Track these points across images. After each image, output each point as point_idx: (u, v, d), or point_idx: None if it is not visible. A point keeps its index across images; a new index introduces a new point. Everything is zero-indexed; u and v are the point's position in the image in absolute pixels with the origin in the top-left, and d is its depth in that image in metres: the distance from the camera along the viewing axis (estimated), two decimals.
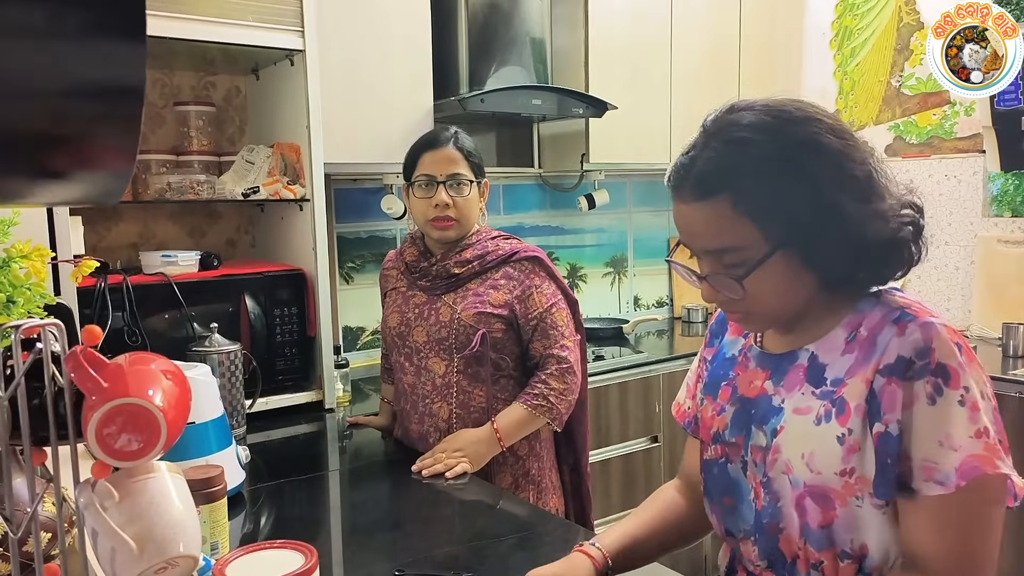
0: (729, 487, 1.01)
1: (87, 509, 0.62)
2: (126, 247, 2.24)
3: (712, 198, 0.88)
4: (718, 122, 0.92)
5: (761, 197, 0.87)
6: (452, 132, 1.75)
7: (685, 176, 0.91)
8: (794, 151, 0.87)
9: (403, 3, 2.33)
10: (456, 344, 1.68)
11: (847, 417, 0.88)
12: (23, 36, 0.48)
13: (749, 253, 0.89)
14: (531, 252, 1.73)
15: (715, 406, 1.05)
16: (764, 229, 0.87)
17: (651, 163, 3.05)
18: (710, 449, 1.05)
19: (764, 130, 0.88)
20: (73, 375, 0.61)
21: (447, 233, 1.72)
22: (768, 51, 3.25)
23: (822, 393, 0.91)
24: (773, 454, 0.94)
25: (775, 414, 0.95)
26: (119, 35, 0.50)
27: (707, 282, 0.94)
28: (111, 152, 0.55)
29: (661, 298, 3.52)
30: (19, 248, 0.89)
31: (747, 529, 0.99)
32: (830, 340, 0.93)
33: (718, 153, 0.89)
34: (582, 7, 2.76)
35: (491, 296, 1.69)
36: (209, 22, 1.88)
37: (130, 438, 0.60)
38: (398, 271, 1.84)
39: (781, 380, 0.97)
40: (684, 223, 0.93)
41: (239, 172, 2.16)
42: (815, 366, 0.93)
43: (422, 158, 1.72)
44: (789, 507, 0.93)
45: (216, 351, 1.78)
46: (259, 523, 1.49)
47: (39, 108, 0.52)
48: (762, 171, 0.87)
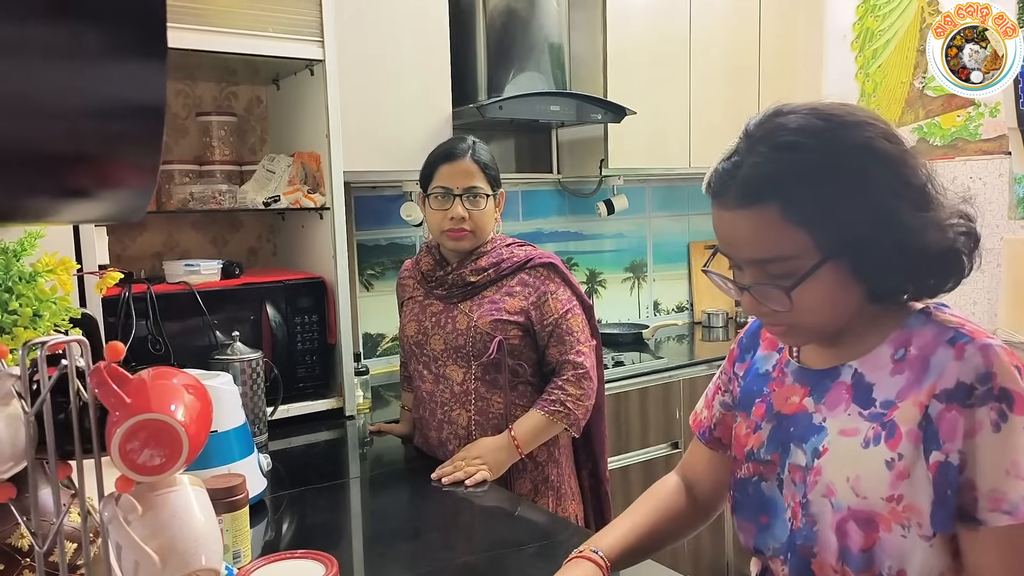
0: (764, 506, 0.98)
1: (111, 523, 0.62)
2: (150, 256, 2.27)
3: (759, 205, 0.84)
4: (763, 126, 0.87)
5: (813, 204, 0.82)
6: (469, 144, 1.75)
7: (728, 182, 0.86)
8: (848, 156, 0.83)
9: (422, 12, 2.34)
10: (473, 352, 1.69)
11: (897, 441, 0.84)
12: (45, 56, 0.49)
13: (798, 263, 0.84)
14: (546, 258, 1.74)
15: (749, 423, 1.02)
16: (815, 238, 0.83)
17: (670, 168, 3.04)
18: (743, 468, 1.01)
19: (815, 134, 0.83)
20: (97, 390, 0.62)
21: (461, 244, 1.73)
22: (788, 54, 3.23)
23: (871, 415, 0.87)
24: (815, 476, 0.90)
25: (816, 432, 0.91)
26: (140, 55, 0.51)
27: (750, 294, 0.89)
28: (133, 170, 0.56)
29: (681, 303, 3.50)
30: (45, 262, 0.90)
31: (777, 548, 0.96)
32: (875, 357, 0.89)
33: (765, 158, 0.84)
34: (600, 12, 2.75)
35: (507, 303, 1.70)
36: (231, 34, 1.90)
37: (152, 453, 0.60)
38: (415, 280, 1.86)
39: (822, 398, 0.92)
40: (727, 231, 0.89)
41: (260, 181, 2.18)
42: (861, 385, 0.89)
43: (439, 170, 1.73)
44: (827, 531, 0.89)
45: (238, 359, 1.80)
46: (280, 531, 1.50)
47: (61, 128, 0.53)
48: (814, 176, 0.82)
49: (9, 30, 0.46)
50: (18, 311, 0.85)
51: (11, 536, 0.84)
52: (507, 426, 1.68)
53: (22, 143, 0.51)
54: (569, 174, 3.06)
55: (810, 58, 3.33)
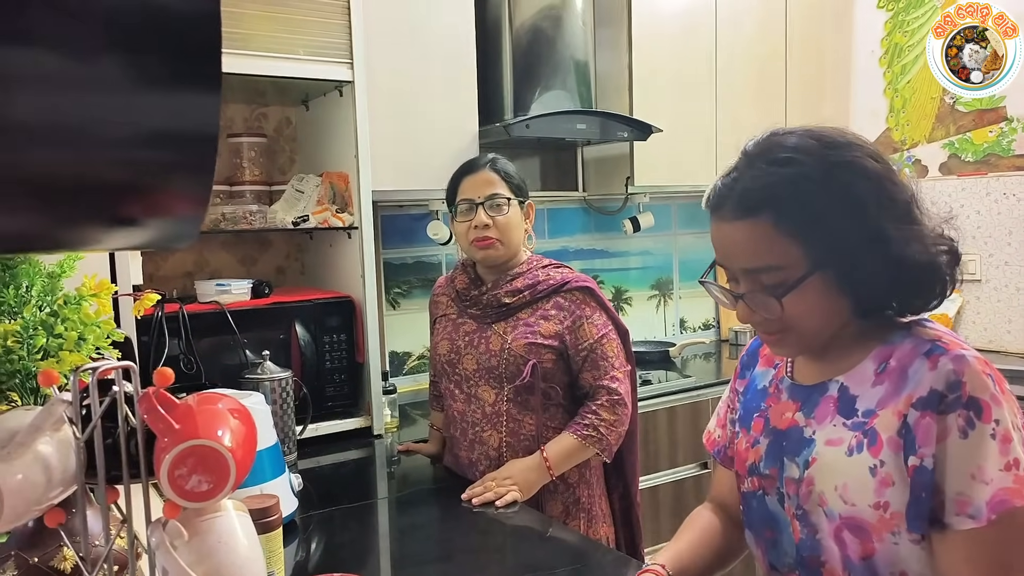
0: (769, 520, 1.02)
1: (158, 548, 0.63)
2: (181, 276, 2.29)
3: (754, 216, 0.89)
4: (760, 145, 0.93)
5: (804, 216, 0.88)
6: (490, 157, 1.78)
7: (727, 196, 0.92)
8: (838, 171, 0.88)
9: (449, 32, 2.36)
10: (506, 374, 1.69)
11: (879, 448, 0.89)
12: (104, 89, 0.49)
13: (788, 273, 0.89)
14: (582, 282, 1.73)
15: (749, 438, 1.06)
16: (805, 248, 0.88)
17: (696, 185, 3.02)
18: (747, 482, 1.06)
19: (808, 151, 0.89)
20: (146, 416, 0.62)
21: (490, 252, 1.72)
22: (816, 70, 3.21)
23: (853, 424, 0.92)
24: (807, 486, 0.95)
25: (807, 446, 0.96)
26: (196, 86, 0.51)
27: (743, 301, 0.94)
28: (184, 199, 0.56)
29: (707, 320, 3.47)
30: (89, 286, 0.92)
31: (790, 563, 1.00)
32: (860, 372, 0.94)
33: (762, 173, 0.90)
34: (625, 30, 2.76)
35: (542, 326, 1.69)
36: (262, 57, 1.92)
37: (200, 479, 0.60)
38: (448, 298, 1.85)
39: (812, 412, 0.97)
40: (724, 242, 0.94)
41: (289, 201, 2.20)
42: (846, 398, 0.94)
43: (461, 184, 1.75)
44: (828, 540, 0.93)
45: (268, 378, 1.81)
46: (310, 551, 1.49)
47: (114, 158, 0.54)
48: (806, 190, 0.88)
49: (72, 65, 0.47)
50: (64, 335, 0.86)
51: (54, 559, 0.85)
52: (538, 448, 1.67)
53: (79, 173, 0.52)
54: (595, 192, 3.05)
55: (838, 74, 3.31)
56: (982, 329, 3.05)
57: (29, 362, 0.86)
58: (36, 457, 0.59)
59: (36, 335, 0.86)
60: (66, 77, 0.48)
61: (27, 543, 0.85)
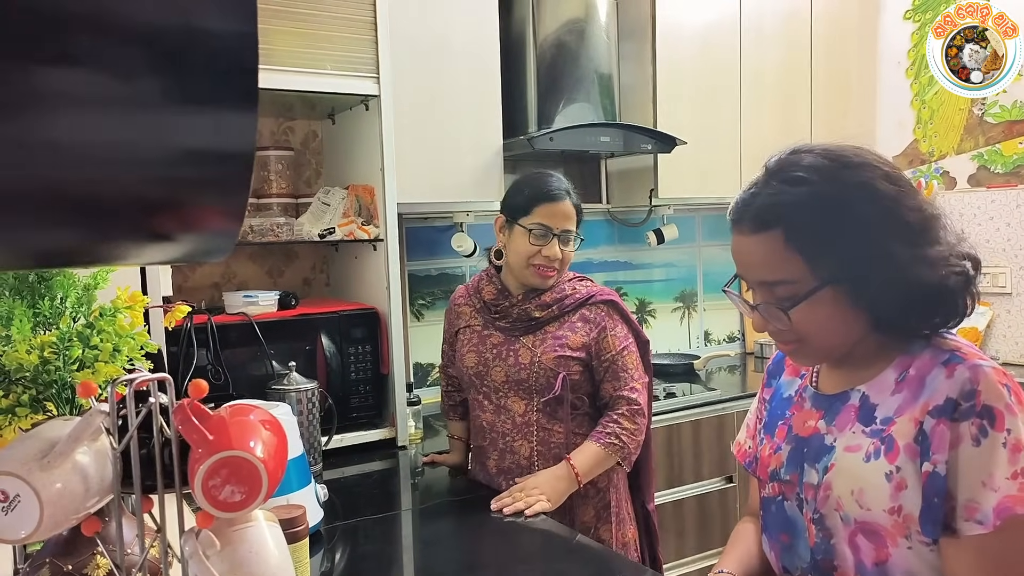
0: (786, 524, 1.05)
1: (191, 558, 0.63)
2: (208, 287, 2.33)
3: (767, 232, 0.93)
4: (780, 163, 0.97)
5: (811, 234, 0.91)
6: (567, 187, 1.78)
7: (745, 210, 0.96)
8: (847, 192, 0.91)
9: (474, 47, 2.38)
10: (536, 386, 1.72)
11: (895, 455, 0.91)
12: (145, 108, 0.50)
13: (798, 287, 0.93)
14: (606, 296, 1.78)
15: (772, 444, 1.09)
16: (812, 265, 0.91)
17: (721, 197, 3.01)
18: (768, 487, 1.09)
19: (820, 171, 0.93)
20: (181, 427, 0.63)
21: (548, 282, 1.76)
22: (841, 81, 3.19)
23: (872, 431, 0.95)
24: (824, 491, 0.97)
25: (827, 452, 0.99)
26: (233, 104, 0.52)
27: (758, 312, 0.98)
28: (220, 214, 0.57)
29: (732, 333, 3.45)
30: (123, 298, 0.93)
31: (803, 567, 1.02)
32: (881, 381, 0.96)
33: (777, 190, 0.94)
34: (649, 43, 2.76)
35: (569, 339, 1.73)
36: (290, 72, 1.95)
37: (234, 489, 0.61)
38: (472, 308, 1.86)
39: (833, 420, 1.00)
40: (741, 255, 0.99)
41: (315, 214, 2.22)
42: (866, 406, 0.97)
43: (541, 207, 1.73)
44: (842, 544, 0.96)
45: (294, 389, 1.82)
46: (335, 562, 1.50)
47: (153, 176, 0.55)
48: (814, 209, 0.91)
49: (114, 85, 0.49)
50: (99, 346, 0.88)
51: (87, 567, 0.86)
52: (566, 455, 1.69)
53: (119, 191, 0.53)
54: (619, 204, 3.05)
55: (864, 85, 3.29)
56: (1013, 343, 3.00)
57: (65, 373, 0.88)
58: (75, 467, 0.61)
59: (72, 346, 0.88)
60: (108, 97, 0.50)
61: (61, 551, 0.86)
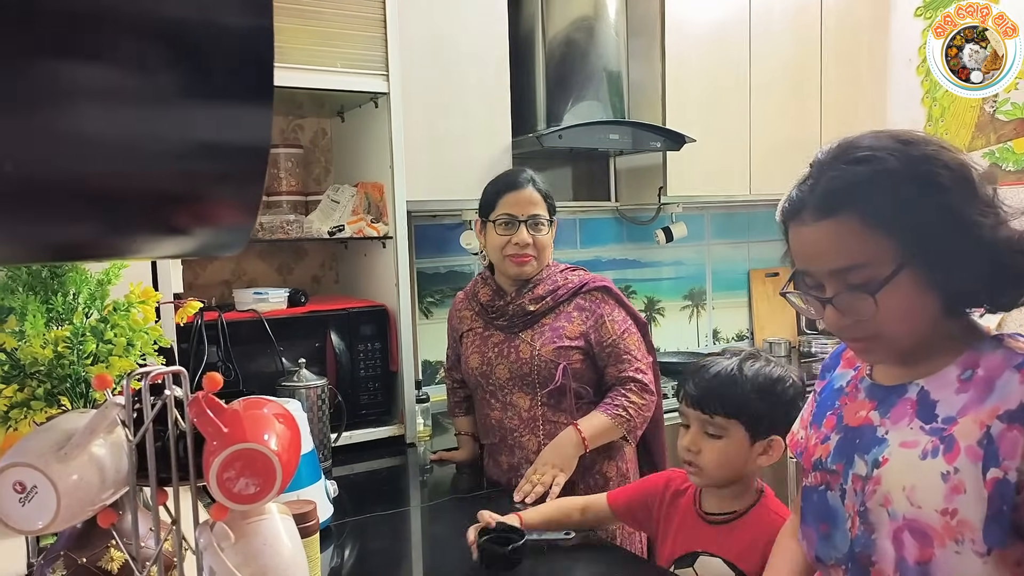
0: (827, 514, 1.02)
1: (206, 550, 0.64)
2: (218, 284, 2.34)
3: (838, 215, 0.89)
4: (833, 151, 0.93)
5: (889, 209, 0.87)
6: (529, 175, 1.83)
7: (804, 201, 0.92)
8: (921, 164, 0.88)
9: (483, 45, 2.38)
10: (538, 379, 1.75)
11: (955, 456, 0.87)
12: (164, 103, 0.51)
13: (877, 270, 0.88)
14: (599, 282, 1.81)
15: (819, 434, 1.06)
16: (893, 242, 0.87)
17: (730, 195, 3.01)
18: (811, 476, 1.06)
19: (886, 148, 0.89)
20: (196, 420, 0.63)
21: (525, 269, 1.79)
22: (852, 79, 3.18)
23: (931, 429, 0.91)
24: (873, 484, 0.94)
25: (878, 444, 0.95)
26: (250, 99, 0.53)
27: (832, 305, 0.92)
28: (236, 208, 0.58)
29: (741, 331, 3.44)
30: (137, 293, 0.94)
31: (839, 557, 1.00)
32: (942, 377, 0.92)
33: (841, 172, 0.90)
34: (658, 40, 2.76)
35: (566, 329, 1.76)
36: (300, 69, 1.96)
37: (248, 482, 0.62)
38: (472, 312, 1.91)
39: (888, 411, 0.96)
40: (806, 247, 0.93)
41: (325, 211, 2.23)
42: (926, 402, 0.93)
43: (504, 198, 1.80)
44: (884, 540, 0.93)
45: (304, 386, 1.83)
46: (344, 557, 1.51)
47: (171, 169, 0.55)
48: (889, 183, 0.88)
49: (134, 80, 0.49)
50: (113, 341, 0.88)
51: (101, 559, 0.87)
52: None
53: (138, 184, 0.54)
54: (627, 202, 3.05)
55: (875, 83, 3.27)
56: None
57: (79, 367, 0.89)
58: (91, 458, 0.61)
59: (86, 341, 0.89)
60: (129, 91, 0.50)
61: (75, 544, 0.87)
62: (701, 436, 1.32)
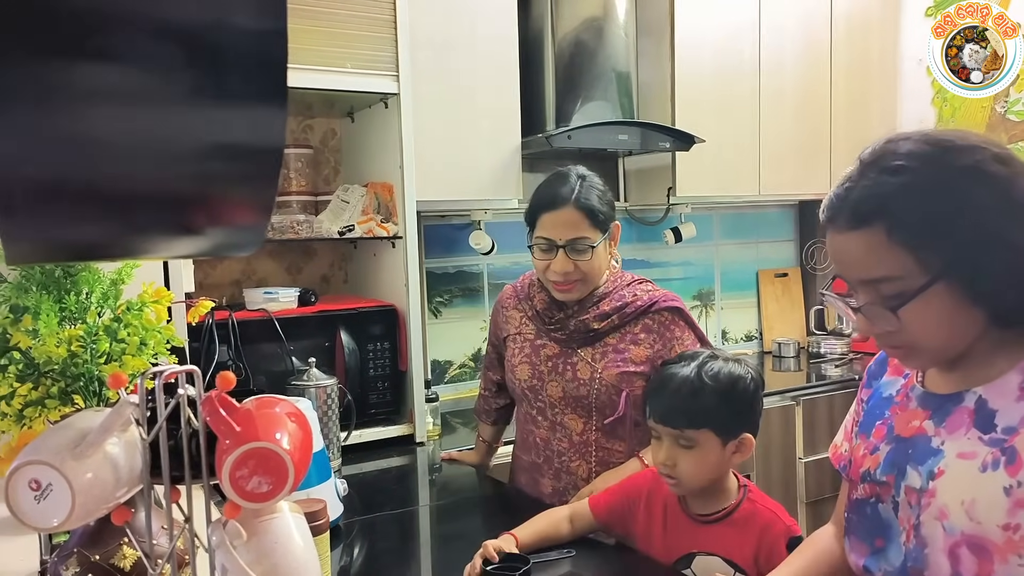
0: (880, 528, 0.98)
1: (219, 548, 0.64)
2: (229, 284, 2.35)
3: (867, 226, 0.87)
4: (875, 153, 0.91)
5: (917, 224, 0.85)
6: (574, 185, 1.58)
7: (841, 207, 0.90)
8: (956, 178, 0.85)
9: (492, 45, 2.39)
10: (596, 403, 1.60)
11: (1018, 468, 0.84)
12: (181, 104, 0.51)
13: (907, 283, 0.86)
14: (670, 302, 1.63)
15: (868, 445, 1.03)
16: (922, 258, 0.85)
17: (739, 196, 3.00)
18: (860, 488, 1.02)
19: (922, 158, 0.87)
20: (208, 419, 0.64)
21: (570, 295, 1.62)
22: (862, 79, 3.17)
23: (991, 440, 0.87)
24: (928, 497, 0.90)
25: (933, 455, 0.92)
26: (265, 100, 0.53)
27: (861, 314, 0.91)
28: (250, 208, 0.58)
29: (750, 332, 3.43)
30: (150, 293, 0.95)
31: (889, 571, 0.96)
32: (1002, 384, 0.89)
33: (874, 182, 0.88)
34: (668, 41, 2.76)
35: (632, 352, 1.60)
36: (311, 70, 1.97)
37: (261, 480, 0.62)
38: (523, 315, 1.73)
39: (943, 421, 0.92)
40: (839, 253, 0.92)
41: (335, 211, 2.24)
42: (984, 410, 0.89)
43: (542, 218, 1.59)
44: (938, 554, 0.89)
45: (314, 385, 1.83)
46: (354, 556, 1.51)
47: (185, 170, 0.56)
48: (920, 198, 0.85)
49: (152, 81, 0.50)
50: (127, 340, 0.89)
51: (114, 556, 0.87)
52: None
53: (154, 184, 0.54)
54: (636, 202, 3.05)
55: (885, 83, 3.26)
56: None
57: (93, 366, 0.89)
58: (105, 456, 0.62)
59: (100, 340, 0.90)
60: (143, 93, 0.51)
61: (88, 541, 0.88)
62: (675, 449, 1.32)
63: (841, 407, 2.73)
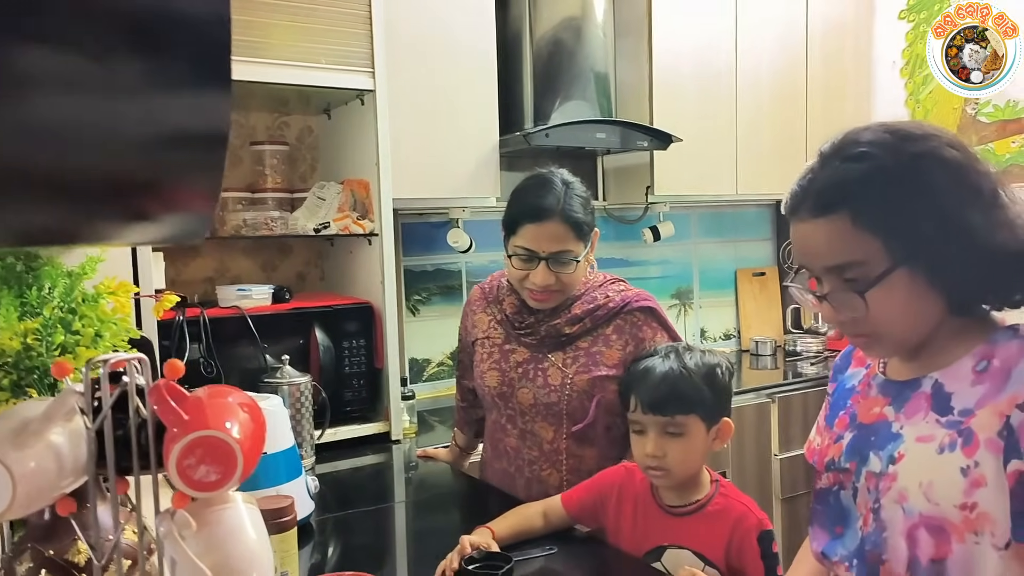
0: (840, 515, 1.00)
1: (166, 538, 0.64)
2: (202, 281, 2.33)
3: (831, 213, 0.89)
4: (835, 144, 0.92)
5: (881, 209, 0.87)
6: (560, 195, 1.51)
7: (804, 196, 0.92)
8: (914, 163, 0.87)
9: (470, 43, 2.38)
10: (567, 410, 1.56)
11: (974, 449, 0.85)
12: (121, 89, 0.51)
13: (870, 268, 0.88)
14: (643, 302, 1.59)
15: (831, 435, 1.05)
16: (885, 243, 0.87)
17: (717, 195, 3.02)
18: (824, 477, 1.04)
19: (883, 145, 0.88)
20: (156, 407, 0.63)
21: (546, 304, 1.58)
22: (836, 80, 3.20)
23: (948, 422, 0.89)
24: (888, 481, 0.92)
25: (893, 440, 0.94)
26: (207, 86, 0.53)
27: (828, 302, 0.92)
28: (196, 195, 0.58)
29: (728, 330, 3.45)
30: (107, 284, 0.94)
31: (844, 555, 0.98)
32: (957, 369, 0.91)
33: (836, 170, 0.90)
34: (646, 41, 2.77)
35: (604, 355, 1.56)
36: (285, 65, 1.96)
37: (209, 469, 0.62)
38: (492, 319, 1.69)
39: (902, 407, 0.95)
40: (803, 242, 0.94)
41: (311, 208, 2.23)
42: (940, 395, 0.91)
43: (524, 228, 1.52)
44: (896, 538, 0.91)
45: (287, 382, 1.82)
46: (326, 553, 1.50)
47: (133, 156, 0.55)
48: (882, 183, 0.87)
49: (91, 67, 0.49)
50: (81, 331, 0.88)
51: (69, 551, 0.86)
52: None
53: (96, 170, 0.54)
54: (615, 201, 3.06)
55: (859, 84, 3.29)
56: None
57: (48, 358, 0.88)
58: (48, 446, 0.61)
59: (54, 332, 0.89)
60: (83, 78, 0.50)
61: (43, 536, 0.86)
62: (662, 439, 1.33)
63: (816, 404, 2.74)
